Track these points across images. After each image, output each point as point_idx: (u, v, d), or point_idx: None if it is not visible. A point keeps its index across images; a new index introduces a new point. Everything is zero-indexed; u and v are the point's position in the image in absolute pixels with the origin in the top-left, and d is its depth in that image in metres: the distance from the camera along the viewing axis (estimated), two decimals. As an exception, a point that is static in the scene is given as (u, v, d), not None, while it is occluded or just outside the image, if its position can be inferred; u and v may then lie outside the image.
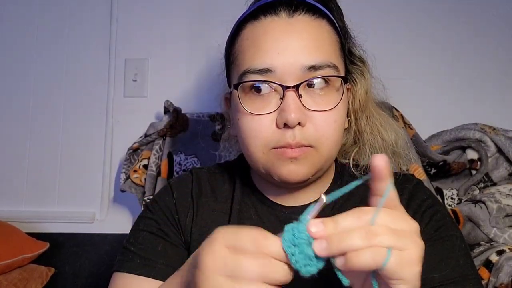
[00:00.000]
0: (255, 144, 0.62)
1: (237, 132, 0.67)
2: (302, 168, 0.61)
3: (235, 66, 0.66)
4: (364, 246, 0.38)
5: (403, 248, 0.39)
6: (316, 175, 0.65)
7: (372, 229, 0.39)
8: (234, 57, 0.66)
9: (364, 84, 0.72)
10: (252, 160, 0.65)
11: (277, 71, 0.60)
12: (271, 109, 0.61)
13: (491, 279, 0.93)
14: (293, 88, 0.59)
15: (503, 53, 1.29)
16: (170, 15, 1.38)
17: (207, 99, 1.33)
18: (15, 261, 1.15)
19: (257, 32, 0.63)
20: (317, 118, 0.60)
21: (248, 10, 0.67)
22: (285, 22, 0.63)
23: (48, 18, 1.42)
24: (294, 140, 0.59)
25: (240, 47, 0.65)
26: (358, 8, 1.23)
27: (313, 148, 0.61)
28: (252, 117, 0.61)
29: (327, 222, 0.41)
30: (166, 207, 0.71)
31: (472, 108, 1.26)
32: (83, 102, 1.39)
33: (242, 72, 0.62)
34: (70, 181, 1.37)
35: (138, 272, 0.65)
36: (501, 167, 1.14)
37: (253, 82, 0.61)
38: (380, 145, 0.72)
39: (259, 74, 0.60)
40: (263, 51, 0.61)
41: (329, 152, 0.63)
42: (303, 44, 0.61)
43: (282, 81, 0.60)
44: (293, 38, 0.61)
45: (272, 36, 0.62)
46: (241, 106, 0.62)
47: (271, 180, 0.65)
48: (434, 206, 0.67)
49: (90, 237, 1.31)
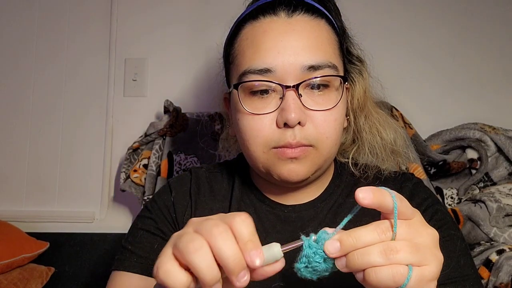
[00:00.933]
0: (255, 144, 0.62)
1: (236, 132, 0.67)
2: (302, 168, 0.61)
3: (235, 66, 0.66)
4: (384, 263, 0.38)
5: (424, 263, 0.39)
6: (316, 174, 0.65)
7: (392, 245, 0.39)
8: (234, 57, 0.66)
9: (363, 84, 0.72)
10: (252, 160, 0.65)
11: (277, 70, 0.60)
12: (271, 108, 0.61)
13: (491, 278, 0.93)
14: (293, 88, 0.59)
15: (503, 53, 1.28)
16: (170, 15, 1.38)
17: (206, 98, 1.33)
18: (15, 260, 1.15)
19: (256, 32, 0.63)
20: (317, 118, 0.61)
21: (246, 10, 0.67)
22: (285, 22, 0.63)
23: (48, 18, 1.43)
24: (294, 139, 0.59)
25: (240, 47, 0.65)
26: (358, 8, 1.24)
27: (313, 148, 0.61)
28: (252, 117, 0.61)
29: (346, 238, 0.40)
30: (164, 206, 0.72)
31: (472, 107, 1.26)
32: (83, 102, 1.39)
33: (242, 72, 0.62)
34: (70, 180, 1.37)
35: (135, 270, 0.65)
36: (501, 167, 1.14)
37: (253, 82, 0.61)
38: (379, 143, 0.72)
39: (259, 74, 0.60)
40: (263, 51, 0.61)
41: (329, 151, 0.63)
42: (303, 44, 0.61)
43: (282, 81, 0.60)
44: (293, 38, 0.61)
45: (272, 36, 0.62)
46: (241, 106, 0.62)
47: (271, 179, 0.66)
48: (434, 206, 0.67)
49: (90, 236, 1.30)
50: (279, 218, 0.69)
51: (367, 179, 0.71)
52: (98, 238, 1.30)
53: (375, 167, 0.72)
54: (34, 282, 1.15)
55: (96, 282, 1.26)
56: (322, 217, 0.68)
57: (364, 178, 0.72)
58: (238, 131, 0.65)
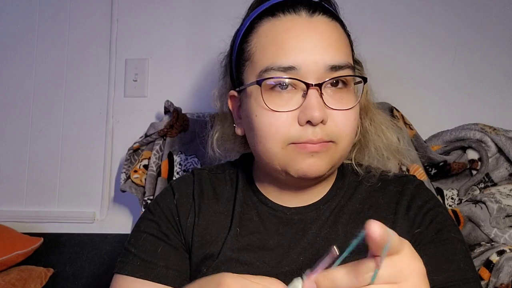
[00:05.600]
0: (273, 140, 0.61)
1: (249, 130, 0.66)
2: (322, 163, 0.62)
3: (252, 63, 0.65)
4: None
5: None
6: (330, 171, 0.65)
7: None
8: (250, 53, 0.65)
9: (364, 86, 0.72)
10: (267, 157, 0.64)
11: (301, 69, 0.60)
12: (293, 106, 0.61)
13: (491, 279, 0.93)
14: (316, 86, 0.60)
15: (503, 53, 1.28)
16: (171, 15, 1.38)
17: (207, 99, 1.33)
18: (9, 258, 1.14)
19: (277, 29, 0.63)
20: (337, 116, 0.61)
21: (262, 7, 0.67)
22: (306, 21, 0.63)
23: (48, 18, 1.42)
24: (316, 136, 0.60)
25: (258, 44, 0.64)
26: (358, 9, 1.24)
27: (334, 143, 0.62)
28: (272, 114, 0.61)
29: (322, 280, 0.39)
30: (167, 209, 0.71)
31: (472, 108, 1.26)
32: (83, 102, 1.39)
33: (264, 69, 0.61)
34: (70, 181, 1.37)
35: (138, 274, 0.65)
36: (502, 167, 1.14)
37: (277, 79, 0.61)
38: (385, 144, 0.73)
39: (282, 71, 0.60)
40: (286, 49, 0.61)
41: (347, 148, 0.64)
42: (325, 44, 0.61)
43: (305, 79, 0.60)
44: (316, 37, 0.62)
45: (295, 33, 0.62)
46: (263, 102, 0.61)
47: (286, 178, 0.65)
48: (436, 208, 0.67)
49: (90, 237, 1.30)
50: (281, 220, 0.69)
51: (369, 181, 0.72)
52: (98, 239, 1.30)
53: (377, 168, 0.73)
54: (33, 282, 1.15)
55: (97, 283, 1.26)
56: (324, 219, 0.68)
57: (367, 180, 0.72)
58: (254, 129, 0.64)
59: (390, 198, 0.69)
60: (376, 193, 0.71)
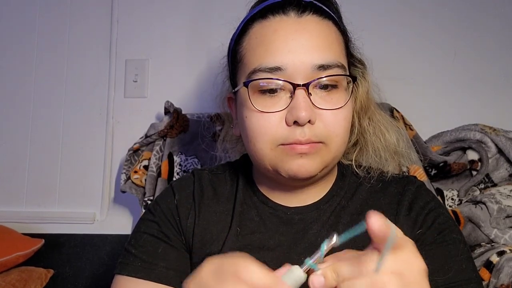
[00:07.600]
0: (263, 141, 0.62)
1: (242, 131, 0.67)
2: (312, 163, 0.61)
3: (243, 65, 0.65)
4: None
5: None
6: (323, 171, 0.65)
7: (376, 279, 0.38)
8: (242, 55, 0.66)
9: (365, 86, 0.73)
10: (258, 158, 0.64)
11: (288, 69, 0.60)
12: (281, 107, 0.61)
13: (491, 280, 0.93)
14: (303, 87, 0.59)
15: (503, 53, 1.29)
16: (170, 16, 1.38)
17: (207, 99, 1.33)
18: (10, 259, 1.14)
19: (266, 30, 0.63)
20: (326, 116, 0.61)
21: (255, 10, 0.67)
22: (295, 21, 0.63)
23: (48, 18, 1.42)
24: (304, 137, 0.60)
25: (248, 46, 0.65)
26: (359, 9, 1.24)
27: (323, 144, 0.61)
28: (261, 115, 0.61)
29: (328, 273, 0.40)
30: (167, 209, 0.71)
31: (472, 108, 1.27)
32: (83, 103, 1.39)
33: (252, 70, 0.62)
34: (70, 181, 1.37)
35: (138, 275, 0.65)
36: (502, 168, 1.14)
37: (263, 80, 0.61)
38: (383, 145, 0.73)
39: (269, 72, 0.60)
40: (274, 50, 0.61)
41: (338, 149, 0.63)
42: (313, 43, 0.61)
43: (292, 79, 0.60)
44: (304, 37, 0.61)
45: (282, 34, 0.62)
46: (250, 103, 0.61)
47: (278, 178, 0.65)
48: (437, 209, 0.67)
49: (91, 237, 1.30)
50: (282, 220, 0.69)
51: (370, 181, 0.71)
52: (98, 239, 1.30)
53: (378, 169, 0.73)
54: (33, 283, 1.15)
55: (97, 283, 1.26)
56: (325, 219, 0.68)
57: (367, 180, 0.72)
58: (245, 130, 0.65)
59: (391, 199, 0.69)
60: (377, 194, 0.71)
